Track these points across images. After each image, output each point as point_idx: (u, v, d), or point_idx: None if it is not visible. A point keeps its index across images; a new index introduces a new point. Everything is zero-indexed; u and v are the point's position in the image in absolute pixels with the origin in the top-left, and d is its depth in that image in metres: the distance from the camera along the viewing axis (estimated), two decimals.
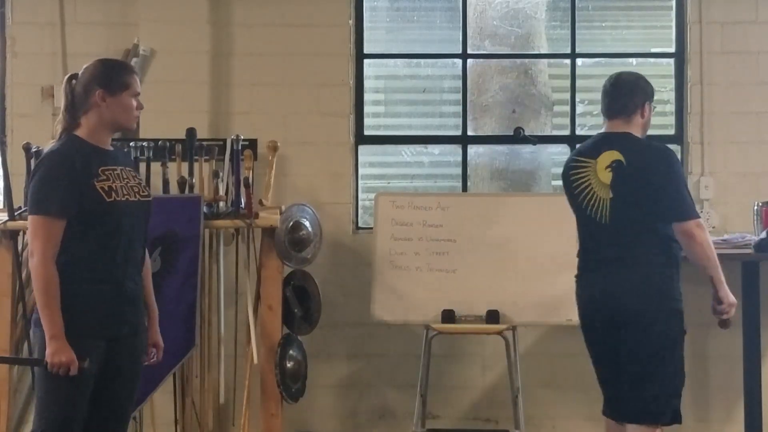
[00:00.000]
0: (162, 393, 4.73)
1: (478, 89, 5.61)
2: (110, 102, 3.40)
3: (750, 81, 5.37)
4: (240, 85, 5.41)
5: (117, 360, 3.40)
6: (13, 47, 5.44)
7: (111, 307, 3.37)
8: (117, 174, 3.41)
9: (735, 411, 5.18)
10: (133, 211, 3.42)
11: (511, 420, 4.92)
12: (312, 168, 5.40)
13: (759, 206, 5.04)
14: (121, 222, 3.37)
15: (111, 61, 3.64)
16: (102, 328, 3.35)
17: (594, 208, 3.91)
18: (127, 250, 3.41)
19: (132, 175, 3.49)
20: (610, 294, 3.86)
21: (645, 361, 3.81)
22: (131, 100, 3.45)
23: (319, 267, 5.08)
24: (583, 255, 4.02)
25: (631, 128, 3.93)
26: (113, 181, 3.38)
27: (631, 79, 4.03)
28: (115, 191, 3.36)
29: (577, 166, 4.01)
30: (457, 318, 4.76)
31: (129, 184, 3.44)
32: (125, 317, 3.42)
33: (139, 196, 3.46)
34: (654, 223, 3.82)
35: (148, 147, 4.87)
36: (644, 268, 3.83)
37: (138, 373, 3.54)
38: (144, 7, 5.32)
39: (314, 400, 5.26)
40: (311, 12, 5.42)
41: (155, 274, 4.50)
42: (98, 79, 3.42)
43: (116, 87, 3.41)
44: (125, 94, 3.43)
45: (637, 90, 3.98)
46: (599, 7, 5.65)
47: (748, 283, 4.95)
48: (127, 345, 3.44)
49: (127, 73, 3.49)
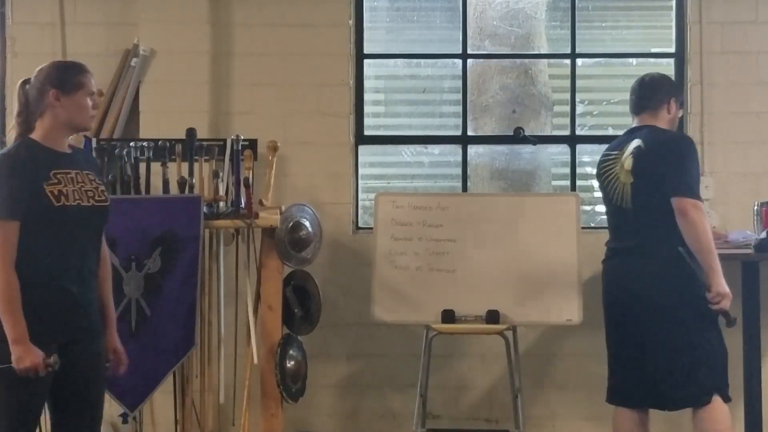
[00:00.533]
0: (162, 393, 4.73)
1: (478, 89, 5.61)
2: (65, 102, 3.39)
3: (750, 81, 5.37)
4: (240, 85, 5.41)
5: (73, 365, 3.38)
6: (13, 47, 5.44)
7: (61, 312, 3.35)
8: (71, 178, 3.39)
9: (735, 411, 5.16)
10: (85, 216, 3.40)
11: (511, 420, 4.92)
12: (312, 168, 5.40)
13: (759, 206, 5.04)
14: (71, 227, 3.35)
15: (64, 62, 3.64)
16: (53, 333, 3.33)
17: (618, 195, 4.15)
18: (78, 255, 3.39)
19: (90, 179, 3.46)
20: (628, 282, 3.98)
21: (673, 348, 3.96)
22: (86, 99, 3.43)
23: (319, 267, 5.09)
24: (609, 243, 4.27)
25: (657, 122, 4.16)
26: (65, 185, 3.36)
27: (656, 77, 4.31)
28: (65, 196, 3.34)
29: (606, 160, 4.28)
30: (457, 318, 4.76)
31: (84, 188, 3.41)
32: (76, 322, 3.40)
33: (94, 201, 3.43)
34: (670, 205, 3.90)
35: (148, 147, 4.86)
36: (664, 254, 3.91)
37: (98, 378, 3.53)
38: (144, 7, 5.32)
39: (314, 400, 5.26)
40: (311, 12, 5.42)
41: (155, 274, 4.54)
42: (52, 79, 3.40)
43: (70, 87, 3.40)
44: (80, 93, 3.42)
45: (661, 86, 4.23)
46: (599, 7, 5.65)
47: (748, 283, 4.95)
48: (83, 350, 3.42)
49: (81, 73, 3.46)
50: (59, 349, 3.33)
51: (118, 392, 4.50)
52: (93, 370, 3.49)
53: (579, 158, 5.51)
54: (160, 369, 4.56)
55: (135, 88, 5.25)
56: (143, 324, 4.53)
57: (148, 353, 4.52)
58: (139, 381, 4.52)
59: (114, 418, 5.10)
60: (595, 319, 4.95)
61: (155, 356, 4.53)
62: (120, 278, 4.53)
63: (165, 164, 4.76)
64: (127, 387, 4.50)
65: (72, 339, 3.39)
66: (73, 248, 3.37)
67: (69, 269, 3.37)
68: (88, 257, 3.45)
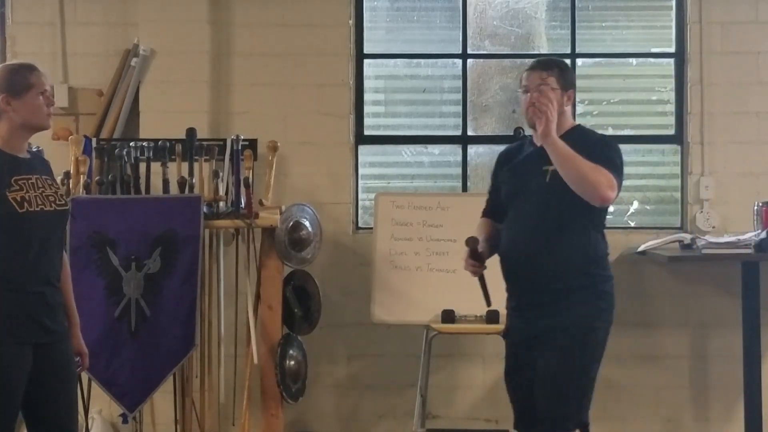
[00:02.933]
0: (162, 393, 4.73)
1: (478, 89, 5.61)
2: (16, 105, 3.37)
3: (750, 81, 5.36)
4: (240, 85, 5.41)
5: (45, 367, 3.39)
6: (13, 47, 5.44)
7: (34, 314, 3.36)
8: (32, 183, 3.39)
9: (735, 411, 5.17)
10: (47, 221, 3.41)
11: (511, 420, 4.91)
12: (312, 168, 5.40)
13: (759, 206, 5.03)
14: (34, 233, 3.36)
15: (11, 65, 3.62)
16: (28, 334, 3.34)
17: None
18: (44, 259, 3.39)
19: (48, 183, 3.46)
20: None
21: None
22: (38, 98, 3.41)
23: (319, 267, 5.09)
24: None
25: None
26: (27, 191, 3.35)
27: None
28: (28, 201, 3.34)
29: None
30: (457, 318, 4.76)
31: (44, 193, 3.41)
32: (49, 324, 3.41)
33: (55, 206, 3.43)
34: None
35: (148, 147, 4.86)
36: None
37: (71, 378, 3.53)
38: (144, 7, 5.32)
39: (314, 400, 5.27)
40: (311, 12, 5.42)
41: (155, 274, 4.54)
42: (0, 85, 3.39)
43: (19, 88, 3.38)
44: (30, 94, 3.40)
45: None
46: (599, 7, 5.65)
47: (748, 283, 4.95)
48: (54, 351, 3.43)
49: (29, 73, 3.44)
50: (32, 350, 3.35)
51: (118, 392, 4.51)
52: (66, 370, 3.50)
53: None
54: (160, 369, 4.56)
55: (135, 88, 5.24)
56: (143, 324, 4.53)
57: (148, 353, 4.52)
58: (139, 381, 4.53)
59: (114, 418, 5.12)
60: None
61: (155, 356, 4.54)
62: (120, 278, 4.53)
63: (165, 164, 4.76)
64: (127, 387, 4.51)
65: (46, 340, 3.40)
66: (40, 253, 3.38)
67: (38, 273, 3.38)
68: (54, 261, 3.46)
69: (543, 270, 3.60)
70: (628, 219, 5.54)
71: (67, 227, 4.33)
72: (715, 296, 5.28)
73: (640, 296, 5.31)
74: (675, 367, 5.34)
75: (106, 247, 4.54)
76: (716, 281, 5.26)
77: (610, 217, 5.51)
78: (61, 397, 3.47)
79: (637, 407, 5.33)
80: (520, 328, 3.72)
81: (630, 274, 5.26)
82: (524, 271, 3.65)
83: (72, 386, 3.56)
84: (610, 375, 5.31)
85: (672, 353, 5.34)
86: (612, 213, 5.54)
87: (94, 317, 4.44)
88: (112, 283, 4.54)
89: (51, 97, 3.48)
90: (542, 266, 3.60)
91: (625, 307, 5.30)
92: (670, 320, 5.33)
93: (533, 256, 3.61)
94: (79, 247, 4.51)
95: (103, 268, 4.54)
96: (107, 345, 4.48)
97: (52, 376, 3.42)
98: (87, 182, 4.83)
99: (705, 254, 4.83)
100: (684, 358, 5.35)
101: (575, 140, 3.56)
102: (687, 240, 5.00)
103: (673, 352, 5.34)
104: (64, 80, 5.38)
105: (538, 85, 3.61)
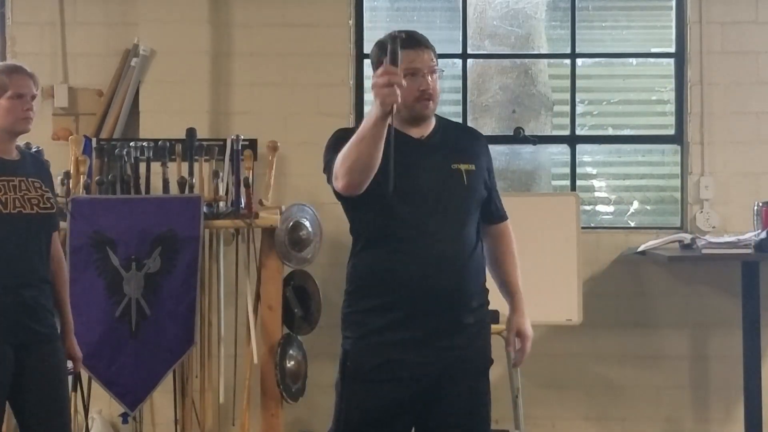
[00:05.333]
0: (162, 393, 4.73)
1: (478, 89, 5.61)
2: None
3: (750, 81, 5.36)
4: (240, 85, 5.41)
5: (31, 368, 3.39)
6: (13, 47, 5.44)
7: (11, 314, 3.36)
8: (13, 185, 3.39)
9: (735, 411, 5.17)
10: (27, 224, 3.40)
11: (511, 420, 4.91)
12: (312, 168, 5.35)
13: (759, 206, 5.03)
14: (11, 235, 3.36)
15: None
16: (5, 334, 3.34)
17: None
18: (24, 262, 3.39)
19: (36, 186, 3.46)
20: None
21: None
22: (13, 101, 3.40)
23: (319, 267, 5.08)
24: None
25: None
26: (5, 193, 3.36)
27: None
28: (3, 203, 3.34)
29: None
30: None
31: (27, 195, 3.41)
32: (29, 326, 3.40)
33: (38, 209, 3.43)
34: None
35: (148, 147, 4.86)
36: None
37: (58, 381, 3.51)
38: (144, 7, 5.32)
39: (314, 400, 5.25)
40: (311, 12, 5.41)
41: (155, 273, 4.54)
42: None
43: None
44: (4, 97, 3.39)
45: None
46: (599, 7, 5.65)
47: (748, 283, 4.95)
48: (39, 352, 3.43)
49: (7, 75, 3.43)
50: (17, 351, 3.36)
51: (120, 392, 4.51)
52: (54, 371, 3.49)
53: (579, 158, 5.51)
54: (160, 368, 4.56)
55: (135, 88, 5.25)
56: (143, 324, 4.53)
57: (148, 353, 4.53)
58: (139, 380, 4.53)
59: (114, 418, 5.11)
60: (595, 319, 4.97)
61: (155, 356, 4.54)
62: (120, 278, 4.53)
63: (165, 164, 4.76)
64: (127, 386, 4.52)
65: (25, 342, 3.40)
66: (19, 256, 3.38)
67: (16, 276, 3.38)
68: (36, 264, 3.45)
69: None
70: (628, 219, 5.54)
71: (68, 227, 4.38)
72: (715, 296, 5.29)
73: (640, 296, 5.31)
74: (675, 368, 5.34)
75: (106, 247, 4.54)
76: (716, 281, 5.26)
77: (610, 218, 5.57)
78: (49, 399, 3.45)
79: (637, 407, 5.33)
80: (419, 363, 3.09)
81: (630, 274, 5.27)
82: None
83: (62, 388, 3.54)
84: (610, 375, 5.34)
85: (672, 353, 5.34)
86: (612, 213, 5.57)
87: (95, 317, 4.45)
88: (112, 283, 4.54)
89: (30, 101, 3.45)
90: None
91: (625, 307, 5.35)
92: (670, 320, 5.33)
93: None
94: (79, 247, 4.51)
95: (104, 268, 4.54)
96: (108, 345, 4.49)
97: (39, 377, 3.42)
98: (87, 182, 4.83)
99: (705, 254, 4.83)
100: (684, 358, 5.35)
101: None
102: (687, 240, 5.00)
103: (673, 353, 5.34)
104: (64, 80, 5.38)
105: (432, 69, 3.20)
